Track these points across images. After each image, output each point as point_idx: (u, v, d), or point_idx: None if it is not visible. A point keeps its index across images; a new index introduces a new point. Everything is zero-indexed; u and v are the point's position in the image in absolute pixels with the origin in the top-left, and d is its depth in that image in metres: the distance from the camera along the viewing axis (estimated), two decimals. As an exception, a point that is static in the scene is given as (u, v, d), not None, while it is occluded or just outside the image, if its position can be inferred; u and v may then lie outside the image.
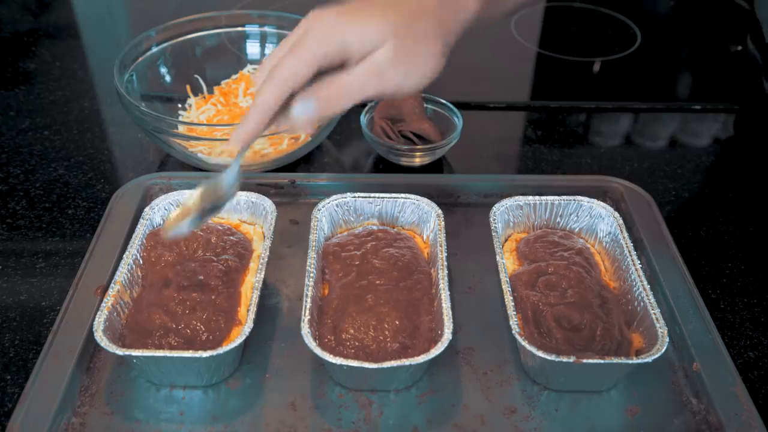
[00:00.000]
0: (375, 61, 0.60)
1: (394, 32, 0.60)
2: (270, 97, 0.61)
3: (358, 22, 0.60)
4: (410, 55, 0.61)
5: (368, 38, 0.60)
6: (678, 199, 0.95)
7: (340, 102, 0.61)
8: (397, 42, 0.60)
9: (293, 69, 0.60)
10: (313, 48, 0.60)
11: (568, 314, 0.70)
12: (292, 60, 0.60)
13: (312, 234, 0.76)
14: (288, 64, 0.60)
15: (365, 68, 0.60)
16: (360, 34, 0.60)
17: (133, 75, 0.99)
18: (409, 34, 0.61)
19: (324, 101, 0.61)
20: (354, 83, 0.61)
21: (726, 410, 0.64)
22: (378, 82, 0.61)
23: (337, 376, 0.68)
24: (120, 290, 0.70)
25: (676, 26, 1.42)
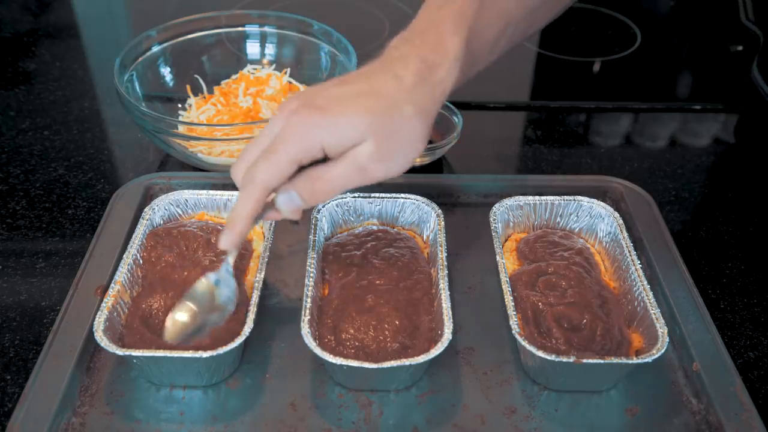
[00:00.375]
0: (356, 159, 0.59)
1: (373, 128, 0.58)
2: (250, 203, 0.60)
3: (334, 122, 0.58)
4: (392, 148, 0.60)
5: (346, 137, 0.58)
6: (678, 199, 0.95)
7: (324, 195, 0.61)
8: (378, 137, 0.58)
9: (270, 173, 0.59)
10: (290, 151, 0.59)
11: (568, 314, 0.70)
12: (269, 165, 0.59)
13: (312, 234, 0.77)
14: (265, 169, 0.59)
15: (346, 166, 0.59)
16: (337, 135, 0.58)
17: (133, 75, 0.99)
18: (388, 126, 0.59)
19: (308, 195, 0.61)
20: (337, 178, 0.60)
21: (726, 410, 0.64)
22: (361, 177, 0.60)
23: (337, 376, 0.68)
24: (120, 290, 0.70)
25: (676, 26, 1.42)
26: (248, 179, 0.60)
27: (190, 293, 0.65)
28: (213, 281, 0.66)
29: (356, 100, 0.59)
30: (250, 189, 0.60)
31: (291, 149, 0.59)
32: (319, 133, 0.58)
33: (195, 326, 0.64)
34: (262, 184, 0.60)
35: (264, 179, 0.59)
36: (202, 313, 0.64)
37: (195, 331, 0.64)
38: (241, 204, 0.61)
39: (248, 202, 0.60)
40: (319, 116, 0.58)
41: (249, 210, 0.61)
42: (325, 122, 0.58)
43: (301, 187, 0.61)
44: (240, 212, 0.61)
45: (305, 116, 0.58)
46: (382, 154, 0.59)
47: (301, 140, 0.59)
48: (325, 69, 1.05)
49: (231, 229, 0.62)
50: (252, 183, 0.60)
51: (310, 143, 0.59)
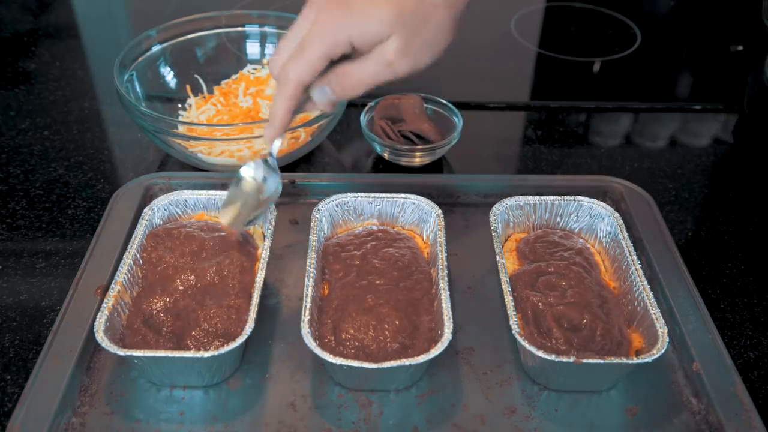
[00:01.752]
0: (384, 54, 0.61)
1: (400, 23, 0.60)
2: (287, 98, 0.64)
3: (362, 18, 0.60)
4: (420, 41, 0.62)
5: (374, 34, 0.60)
6: (678, 199, 0.95)
7: (355, 89, 0.64)
8: (405, 32, 0.60)
9: (303, 70, 0.63)
10: (319, 49, 0.61)
11: (568, 314, 0.70)
12: (301, 62, 0.62)
13: (312, 234, 0.76)
14: (297, 67, 0.62)
15: (375, 61, 0.61)
16: (364, 32, 0.60)
17: (133, 75, 0.99)
18: (416, 19, 0.61)
19: (339, 89, 0.64)
20: (365, 74, 0.62)
21: (726, 410, 0.64)
22: (389, 71, 0.62)
23: (337, 376, 0.68)
24: (120, 290, 0.70)
25: (676, 26, 1.42)
26: (283, 76, 0.64)
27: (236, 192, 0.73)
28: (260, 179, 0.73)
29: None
30: (286, 85, 0.64)
31: (321, 46, 0.61)
32: (347, 29, 0.60)
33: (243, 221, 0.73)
34: (296, 81, 0.63)
35: (297, 76, 0.63)
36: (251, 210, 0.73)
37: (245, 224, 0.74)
38: (279, 100, 0.65)
39: (285, 98, 0.65)
40: (348, 13, 0.60)
41: (286, 105, 0.65)
42: (354, 18, 0.60)
43: (332, 82, 0.64)
44: (279, 107, 0.65)
45: (334, 13, 0.61)
46: (409, 49, 0.61)
47: (331, 37, 0.61)
48: (325, 69, 1.05)
49: (272, 123, 0.67)
50: (286, 79, 0.63)
51: (339, 39, 0.61)
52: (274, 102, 0.66)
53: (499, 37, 1.32)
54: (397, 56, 0.61)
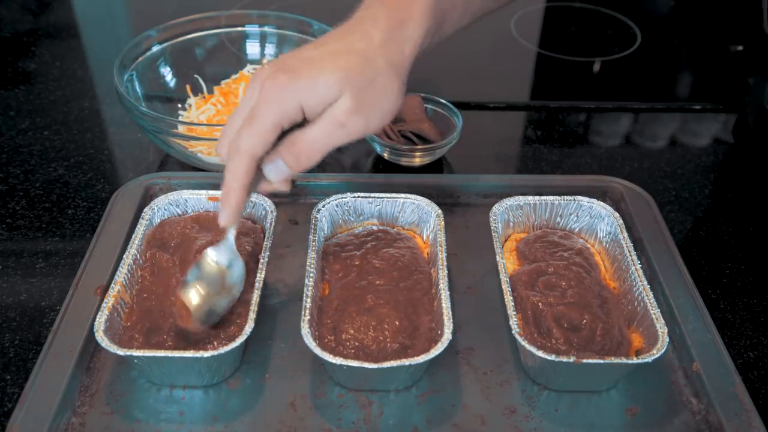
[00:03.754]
0: (336, 114, 0.60)
1: (348, 83, 0.59)
2: (240, 173, 0.62)
3: (310, 82, 0.59)
4: (369, 100, 0.61)
5: (324, 94, 0.59)
6: (678, 199, 0.95)
7: (310, 158, 0.62)
8: (354, 91, 0.59)
9: (254, 140, 0.60)
10: (269, 117, 0.60)
11: (568, 314, 0.70)
12: (252, 131, 0.60)
13: (312, 234, 0.76)
14: (248, 138, 0.60)
15: (327, 122, 0.60)
16: (315, 93, 0.59)
17: (133, 75, 0.99)
18: (363, 79, 0.60)
19: (293, 159, 0.62)
20: (318, 137, 0.61)
21: (726, 410, 0.64)
22: (343, 132, 0.61)
23: (337, 376, 0.68)
24: (120, 290, 0.70)
25: (676, 26, 1.42)
26: (233, 150, 0.61)
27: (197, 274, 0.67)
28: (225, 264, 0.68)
29: (329, 59, 0.60)
30: (237, 159, 0.61)
31: (271, 114, 0.60)
32: (296, 94, 0.59)
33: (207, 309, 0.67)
34: (248, 153, 0.61)
35: (248, 147, 0.61)
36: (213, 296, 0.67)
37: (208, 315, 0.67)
38: (231, 175, 0.62)
39: (237, 173, 0.62)
40: (295, 78, 0.59)
41: (239, 180, 0.62)
42: (301, 83, 0.59)
43: (284, 152, 0.62)
44: (231, 184, 0.62)
45: (281, 80, 0.60)
46: (359, 107, 0.60)
47: (280, 104, 0.60)
48: (325, 69, 1.05)
49: (226, 203, 0.63)
50: (237, 152, 0.61)
51: (289, 105, 0.60)
52: (227, 180, 0.62)
53: (499, 37, 1.32)
54: (349, 115, 0.60)
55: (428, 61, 1.05)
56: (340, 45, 0.62)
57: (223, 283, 0.69)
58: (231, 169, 0.62)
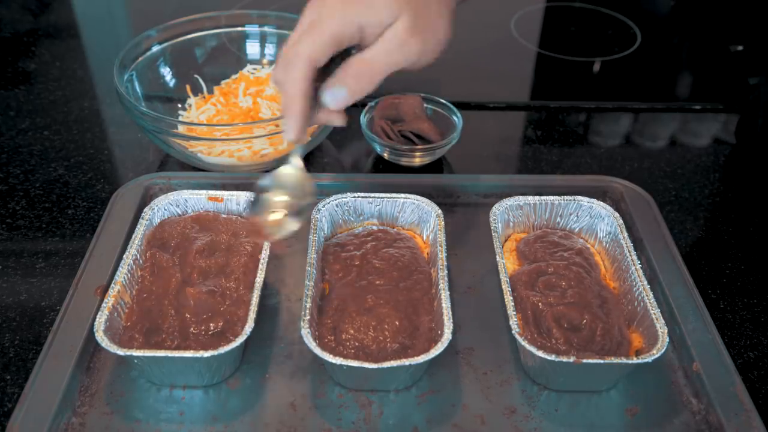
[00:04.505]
0: (395, 33, 0.61)
1: (406, 4, 0.61)
2: (300, 79, 0.61)
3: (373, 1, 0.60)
4: (425, 24, 0.62)
5: (383, 13, 0.60)
6: (678, 199, 0.95)
7: (371, 80, 0.62)
8: (411, 12, 0.61)
9: (314, 47, 0.60)
10: (329, 28, 0.60)
11: (567, 314, 0.70)
12: (310, 40, 0.60)
13: (312, 234, 0.76)
14: (306, 45, 0.60)
15: (387, 41, 0.61)
16: (375, 12, 0.60)
17: (133, 75, 0.99)
18: (419, 5, 0.62)
19: (353, 83, 0.62)
20: (378, 58, 0.61)
21: (726, 410, 0.64)
22: (401, 52, 0.61)
23: (337, 376, 0.68)
24: (120, 290, 0.70)
25: (676, 26, 1.42)
26: (292, 56, 0.61)
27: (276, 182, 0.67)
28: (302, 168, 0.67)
29: None
30: (296, 63, 0.60)
31: (331, 25, 0.60)
32: (356, 11, 0.60)
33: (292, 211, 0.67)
34: (307, 57, 0.60)
35: (308, 52, 0.60)
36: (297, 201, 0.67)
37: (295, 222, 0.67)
38: (291, 83, 0.61)
39: (297, 79, 0.61)
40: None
41: (300, 87, 0.61)
42: (362, 2, 0.60)
43: (343, 75, 0.62)
44: (292, 92, 0.61)
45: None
46: (417, 29, 0.61)
47: (341, 17, 0.60)
48: (325, 69, 1.05)
49: (290, 112, 0.63)
50: (296, 56, 0.60)
51: (349, 20, 0.60)
52: (285, 90, 0.62)
53: (499, 37, 1.32)
54: (408, 35, 0.61)
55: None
56: None
57: (304, 186, 0.68)
58: (291, 75, 0.61)
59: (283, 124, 0.64)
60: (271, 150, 0.93)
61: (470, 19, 1.36)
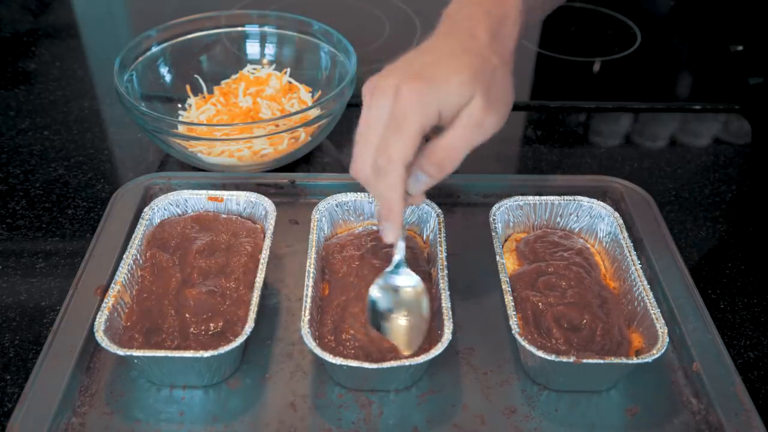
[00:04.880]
0: (472, 115, 0.60)
1: (477, 80, 0.60)
2: (397, 181, 0.61)
3: (445, 86, 0.59)
4: (496, 96, 0.61)
5: (459, 95, 0.59)
6: (678, 199, 0.95)
7: (452, 164, 0.62)
8: (483, 89, 0.60)
9: (406, 149, 0.60)
10: (415, 120, 0.59)
11: (567, 314, 0.70)
12: (401, 138, 0.59)
13: (312, 234, 0.76)
14: (400, 147, 0.60)
15: (466, 125, 0.60)
16: (451, 95, 0.59)
17: (133, 75, 0.99)
18: (487, 76, 0.61)
19: (436, 170, 0.62)
20: (459, 142, 0.61)
21: (726, 410, 0.64)
22: (480, 133, 0.61)
23: (337, 376, 0.68)
24: (120, 290, 0.70)
25: (676, 26, 1.42)
26: (385, 161, 0.60)
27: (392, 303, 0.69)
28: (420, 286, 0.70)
29: (453, 61, 0.60)
30: (392, 169, 0.60)
31: (416, 120, 0.59)
32: (435, 98, 0.59)
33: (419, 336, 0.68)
34: (401, 161, 0.60)
35: (402, 155, 0.60)
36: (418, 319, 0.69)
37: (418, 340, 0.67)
38: (389, 189, 0.61)
39: (395, 183, 0.61)
40: (430, 82, 0.59)
41: (399, 190, 0.61)
42: (439, 88, 0.59)
43: (426, 163, 0.62)
44: (392, 196, 0.62)
45: (417, 86, 0.59)
46: (491, 104, 0.60)
47: (422, 108, 0.59)
48: (325, 69, 1.05)
49: (391, 218, 0.63)
50: (391, 162, 0.60)
51: (429, 110, 0.59)
52: (384, 195, 0.62)
53: (499, 37, 1.32)
54: (484, 113, 0.60)
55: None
56: (453, 46, 0.62)
57: (421, 304, 0.69)
58: (388, 182, 0.61)
59: (383, 228, 0.65)
60: (271, 150, 0.93)
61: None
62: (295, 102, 1.01)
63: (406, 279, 0.70)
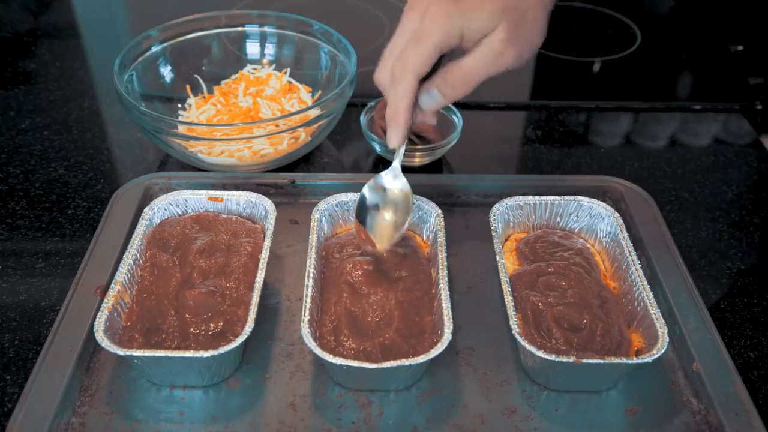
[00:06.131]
0: (493, 44, 0.62)
1: (505, 14, 0.62)
2: (407, 89, 0.64)
3: (472, 10, 0.62)
4: (522, 32, 0.63)
5: (484, 22, 0.62)
6: (678, 199, 0.95)
7: (465, 87, 0.65)
8: (511, 21, 0.62)
9: (420, 59, 0.63)
10: (435, 37, 0.62)
11: (567, 314, 0.70)
12: (419, 50, 0.63)
13: (312, 234, 0.76)
14: (414, 58, 0.63)
15: (485, 52, 0.63)
16: (477, 21, 0.62)
17: (133, 75, 0.99)
18: (518, 12, 0.63)
19: (449, 89, 0.65)
20: (476, 67, 0.63)
21: (726, 410, 0.64)
22: (497, 63, 0.63)
23: (337, 376, 0.68)
24: (120, 290, 0.70)
25: (676, 26, 1.42)
26: (400, 69, 0.64)
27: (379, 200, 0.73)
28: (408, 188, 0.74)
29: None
30: (404, 77, 0.64)
31: (436, 36, 0.62)
32: (459, 19, 0.62)
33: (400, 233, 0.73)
34: (414, 71, 0.63)
35: (416, 65, 0.63)
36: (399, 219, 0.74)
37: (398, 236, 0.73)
38: (398, 95, 0.65)
39: (405, 91, 0.64)
40: (458, 6, 0.62)
41: (407, 98, 0.65)
42: (465, 11, 0.62)
43: (441, 82, 0.65)
44: (399, 104, 0.65)
45: (443, 8, 0.62)
46: (514, 40, 0.63)
47: (444, 27, 0.62)
48: (325, 69, 1.05)
49: (395, 124, 0.67)
50: (404, 70, 0.64)
51: (453, 29, 0.62)
52: (393, 102, 0.65)
53: (499, 37, 1.32)
54: (505, 46, 0.62)
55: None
56: None
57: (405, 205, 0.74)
58: (398, 89, 0.64)
59: (389, 132, 0.68)
60: (271, 150, 0.93)
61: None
62: (295, 102, 1.01)
63: (397, 182, 0.74)
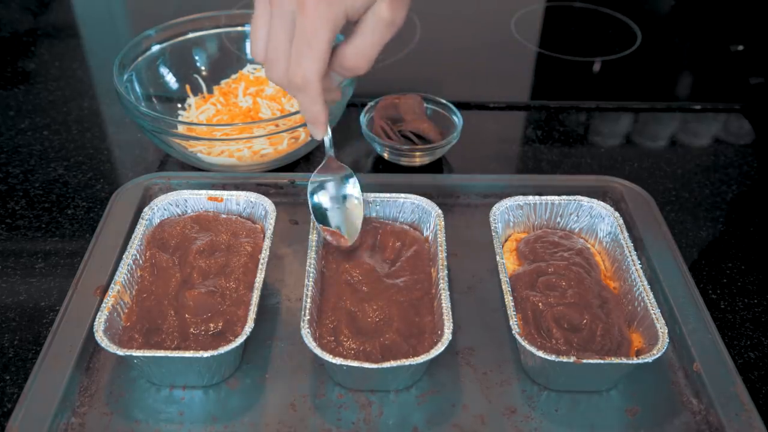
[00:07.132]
0: (382, 13, 0.60)
1: None
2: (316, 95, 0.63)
3: None
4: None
5: None
6: (678, 199, 0.95)
7: (365, 65, 0.63)
8: None
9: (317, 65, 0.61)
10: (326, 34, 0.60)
11: (568, 314, 0.69)
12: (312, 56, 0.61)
13: (312, 234, 0.76)
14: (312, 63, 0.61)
15: (373, 25, 0.61)
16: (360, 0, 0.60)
17: (133, 75, 0.99)
18: None
19: (348, 72, 0.64)
20: (370, 43, 0.62)
21: (726, 410, 0.64)
22: (389, 30, 0.62)
23: (337, 377, 0.68)
24: (120, 290, 0.70)
25: (676, 26, 1.42)
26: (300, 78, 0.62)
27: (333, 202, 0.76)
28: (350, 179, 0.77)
29: None
30: (308, 85, 0.63)
31: (326, 31, 0.60)
32: (340, 4, 0.59)
33: None
34: (317, 76, 0.62)
35: (316, 72, 0.61)
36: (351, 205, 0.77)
37: None
38: (310, 100, 0.64)
39: (314, 96, 0.64)
40: None
41: (319, 102, 0.64)
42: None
43: (338, 68, 0.64)
44: (313, 107, 0.65)
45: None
46: (397, 1, 0.61)
47: (329, 19, 0.60)
48: (325, 69, 1.05)
49: (316, 122, 0.67)
50: (306, 79, 0.62)
51: (337, 18, 0.60)
52: (307, 108, 0.65)
53: (499, 37, 1.32)
54: (391, 11, 0.60)
55: (428, 61, 1.05)
56: None
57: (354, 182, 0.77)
58: (308, 95, 0.63)
59: (312, 129, 0.69)
60: (271, 150, 0.93)
61: (470, 19, 1.36)
62: (295, 102, 1.01)
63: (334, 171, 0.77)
